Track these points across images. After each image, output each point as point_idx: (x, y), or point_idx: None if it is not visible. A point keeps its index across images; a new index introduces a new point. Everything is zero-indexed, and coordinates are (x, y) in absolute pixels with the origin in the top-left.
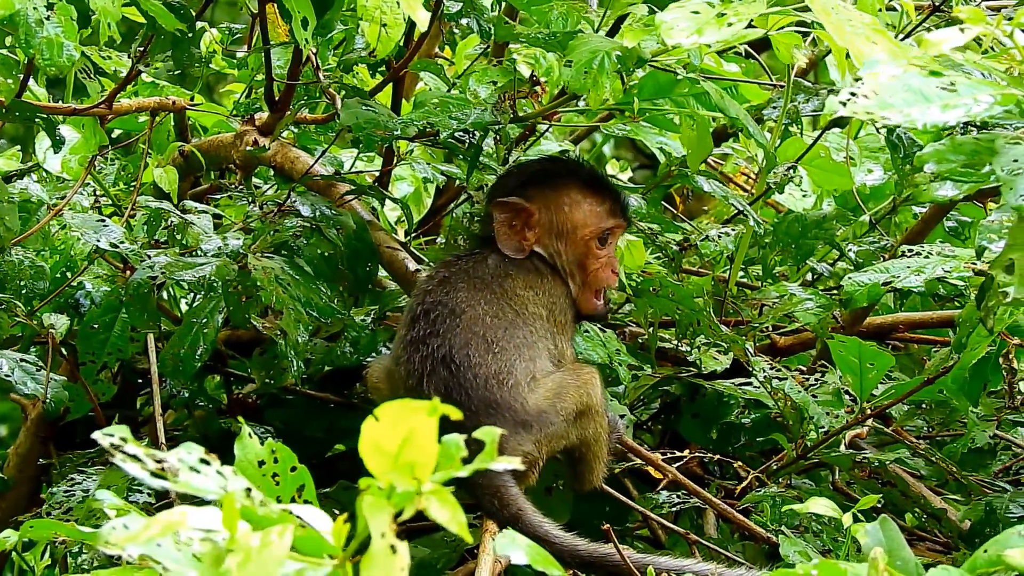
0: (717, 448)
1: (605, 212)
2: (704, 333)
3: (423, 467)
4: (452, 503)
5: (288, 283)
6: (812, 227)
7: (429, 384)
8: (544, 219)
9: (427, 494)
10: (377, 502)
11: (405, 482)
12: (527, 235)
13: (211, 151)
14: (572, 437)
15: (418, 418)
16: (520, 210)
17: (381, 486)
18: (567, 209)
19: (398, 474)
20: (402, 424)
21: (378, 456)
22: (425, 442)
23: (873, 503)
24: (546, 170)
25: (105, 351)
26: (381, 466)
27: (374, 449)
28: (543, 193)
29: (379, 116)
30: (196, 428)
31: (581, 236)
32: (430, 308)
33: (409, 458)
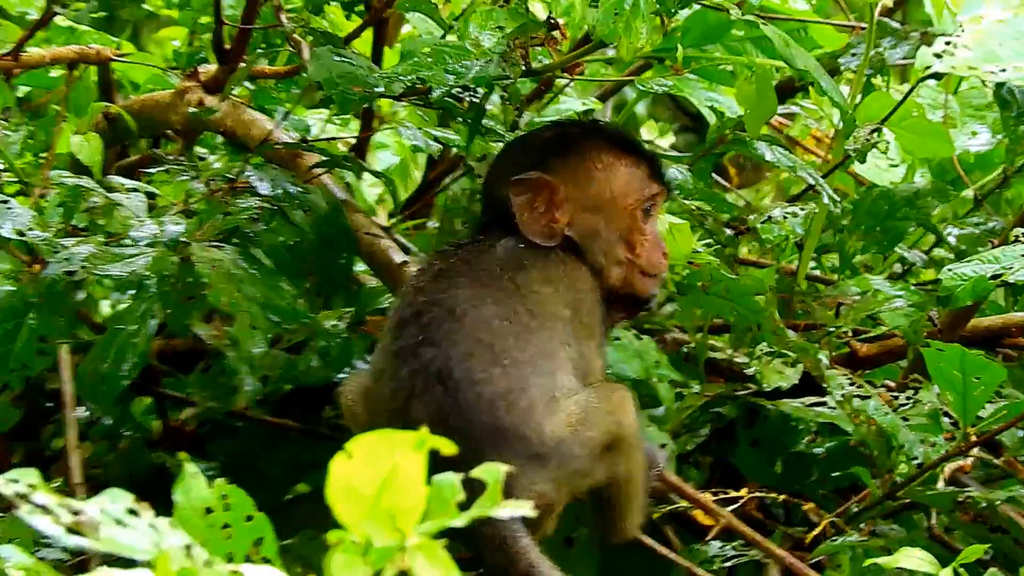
0: (783, 485)
1: (645, 176)
2: (766, 340)
3: (407, 515)
4: (444, 561)
5: (242, 279)
6: (902, 205)
7: (419, 407)
8: (574, 193)
9: (412, 549)
10: (350, 560)
11: (385, 534)
12: (556, 216)
13: (144, 113)
14: (599, 475)
15: (402, 453)
16: (543, 186)
17: (355, 539)
18: (601, 176)
19: (376, 524)
20: (381, 460)
21: (351, 501)
22: (410, 483)
23: (980, 554)
24: (565, 134)
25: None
26: (355, 514)
27: (346, 493)
28: (567, 161)
29: (356, 69)
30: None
31: (624, 206)
32: (423, 309)
33: (390, 504)
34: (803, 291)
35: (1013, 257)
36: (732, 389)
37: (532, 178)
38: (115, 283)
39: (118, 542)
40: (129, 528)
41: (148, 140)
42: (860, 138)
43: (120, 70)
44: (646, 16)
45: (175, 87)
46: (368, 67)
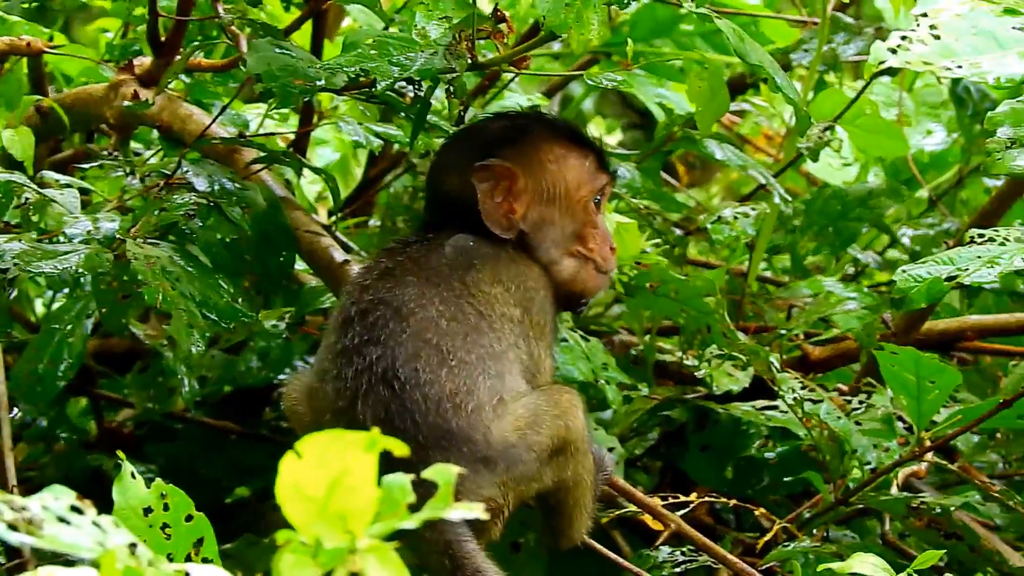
0: (733, 491)
1: (594, 167)
2: (716, 342)
3: (358, 517)
4: (396, 563)
5: (179, 277)
6: (855, 205)
7: (364, 406)
8: (530, 184)
9: (363, 551)
10: (300, 561)
11: (335, 536)
12: (514, 206)
13: (77, 107)
14: (547, 479)
15: (353, 453)
16: (504, 175)
17: (305, 541)
18: (554, 168)
19: (327, 525)
20: (332, 461)
21: (301, 502)
22: (361, 485)
23: (934, 561)
24: (514, 125)
25: None
26: (305, 515)
27: (296, 493)
28: (521, 152)
29: (297, 61)
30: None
31: (578, 198)
32: (368, 308)
33: (341, 505)
34: (754, 293)
35: (968, 258)
36: (682, 392)
37: (495, 165)
38: (49, 281)
39: (61, 540)
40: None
41: (82, 135)
42: (813, 136)
43: (52, 63)
44: (597, 7)
45: (109, 80)
46: (309, 59)
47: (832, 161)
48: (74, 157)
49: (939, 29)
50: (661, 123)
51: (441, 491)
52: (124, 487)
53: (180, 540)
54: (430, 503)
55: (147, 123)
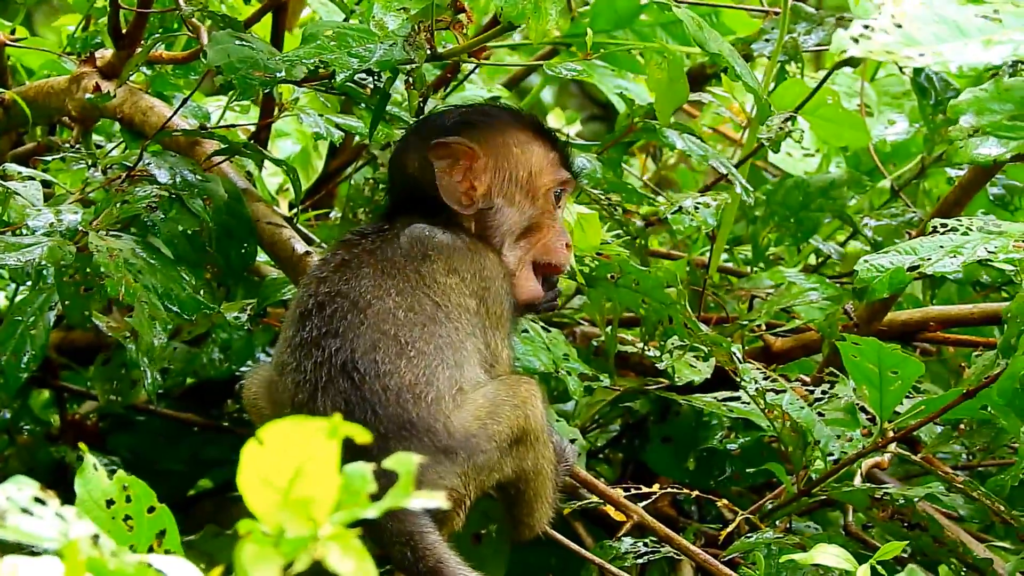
0: (695, 482)
1: (558, 162)
2: (677, 333)
3: (320, 505)
4: (358, 550)
5: (141, 269)
6: (816, 195)
7: (324, 398)
8: (491, 164)
9: (326, 539)
10: (262, 551)
11: (298, 524)
12: (474, 184)
13: (39, 100)
14: (507, 469)
15: (314, 442)
16: (464, 153)
17: (267, 530)
18: (518, 153)
19: (289, 514)
20: (294, 449)
21: (263, 491)
22: (323, 473)
23: (898, 552)
24: (480, 110)
25: None
26: (267, 504)
27: (258, 483)
28: (483, 133)
29: (257, 53)
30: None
31: (539, 186)
32: (325, 300)
33: (303, 493)
34: (715, 284)
35: (931, 248)
36: (643, 383)
37: (454, 142)
38: (11, 273)
39: (23, 530)
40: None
41: (44, 127)
42: (774, 126)
43: (14, 56)
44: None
45: (71, 73)
46: (269, 51)
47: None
48: (36, 150)
49: (901, 18)
50: (622, 114)
51: (402, 480)
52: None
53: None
54: (392, 492)
55: (108, 115)
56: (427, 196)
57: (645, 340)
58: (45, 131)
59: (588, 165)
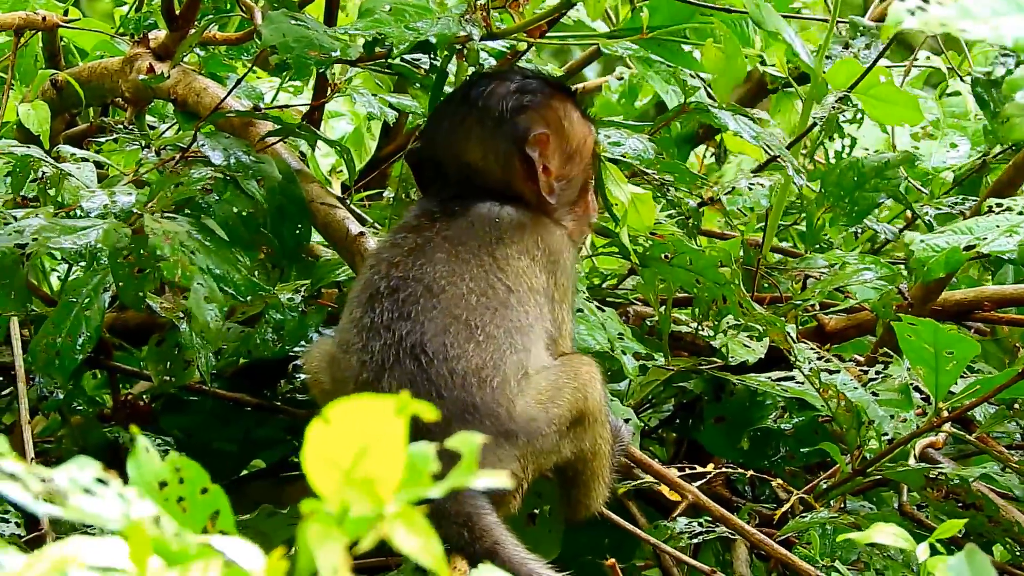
0: (749, 462)
1: (584, 118)
2: (731, 313)
3: (386, 484)
4: (424, 528)
5: (195, 251)
6: (871, 175)
7: (390, 379)
8: (556, 144)
9: (391, 518)
10: (326, 530)
11: (363, 503)
12: (548, 168)
13: (92, 81)
14: (565, 451)
15: (381, 420)
16: (543, 142)
17: (330, 510)
18: (567, 124)
19: (353, 493)
20: (360, 428)
21: (328, 470)
22: (389, 452)
23: (954, 532)
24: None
25: None
26: (332, 483)
27: (323, 462)
28: (541, 115)
29: (312, 32)
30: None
31: (586, 151)
32: (399, 285)
33: (368, 472)
34: (769, 264)
35: (987, 228)
36: (697, 363)
37: (538, 135)
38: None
39: (86, 511)
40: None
41: (97, 109)
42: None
43: (67, 37)
44: None
45: (124, 54)
46: (323, 30)
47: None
48: (89, 131)
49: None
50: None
51: (465, 460)
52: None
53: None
54: (454, 472)
55: (162, 96)
56: (488, 180)
57: (699, 320)
58: (98, 112)
59: (640, 146)
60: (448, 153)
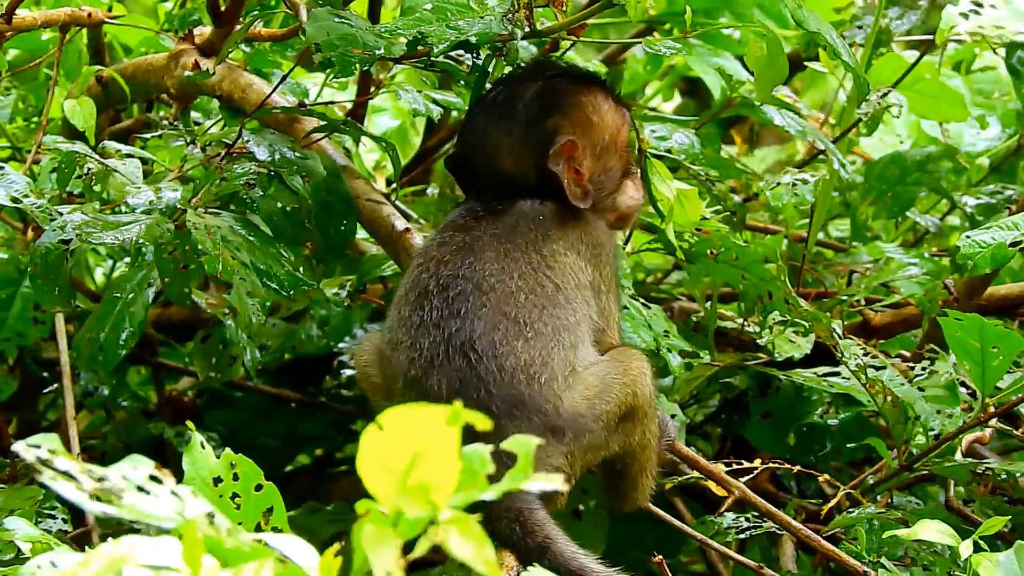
0: (795, 457)
1: (617, 105)
2: (777, 309)
3: (440, 489)
4: (478, 534)
5: (239, 246)
6: (913, 169)
7: (440, 376)
8: (587, 145)
9: (445, 523)
10: (381, 531)
11: (417, 508)
12: (582, 173)
13: (137, 77)
14: (613, 446)
15: (434, 428)
16: (569, 148)
17: (385, 511)
18: (597, 120)
19: (408, 498)
20: (413, 434)
21: (382, 474)
22: (444, 457)
23: (1000, 527)
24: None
25: (1, 336)
26: (386, 487)
27: (377, 465)
28: (568, 117)
29: (356, 30)
30: (117, 435)
31: (620, 143)
32: (448, 283)
33: (423, 477)
34: (813, 259)
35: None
36: (742, 359)
37: (562, 144)
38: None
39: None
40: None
41: (141, 105)
42: (871, 102)
43: (112, 33)
44: None
45: (169, 50)
46: (367, 28)
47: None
48: (134, 127)
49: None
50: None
51: (521, 462)
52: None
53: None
54: (510, 474)
55: (207, 92)
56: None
57: (744, 315)
58: (143, 108)
59: (686, 141)
60: (482, 160)
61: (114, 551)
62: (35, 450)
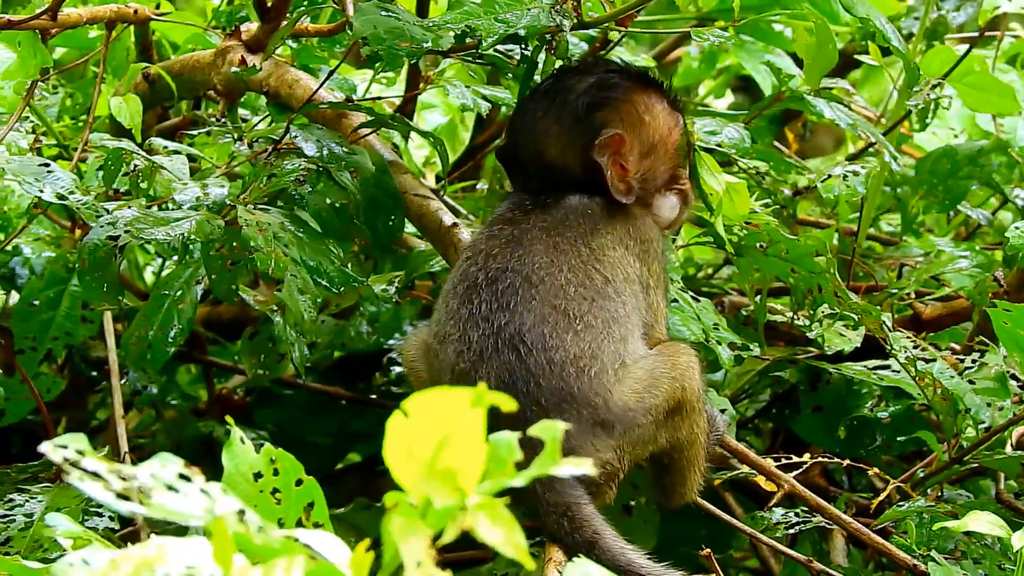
0: (845, 452)
1: (671, 108)
2: (827, 302)
3: (467, 475)
4: (507, 519)
5: (289, 243)
6: (964, 163)
7: (488, 368)
8: (635, 142)
9: (474, 509)
10: (410, 522)
11: (445, 495)
12: (627, 168)
13: (184, 74)
14: (661, 440)
15: (460, 411)
16: (616, 143)
17: (414, 502)
18: (648, 119)
19: (435, 485)
20: (440, 419)
21: (409, 462)
22: (470, 443)
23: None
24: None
25: (49, 335)
26: (413, 475)
27: (404, 454)
28: (618, 111)
29: (404, 24)
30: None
31: (671, 144)
32: (497, 276)
33: (449, 464)
34: (864, 252)
35: None
36: (793, 353)
37: (609, 137)
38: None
39: (169, 508)
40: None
41: (189, 102)
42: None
43: (160, 30)
44: None
45: (216, 47)
46: (416, 21)
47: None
48: (181, 124)
49: None
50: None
51: (548, 447)
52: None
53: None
54: (538, 459)
55: (254, 89)
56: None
57: (794, 309)
58: (191, 105)
59: (737, 135)
60: (530, 150)
61: (146, 551)
62: (62, 450)
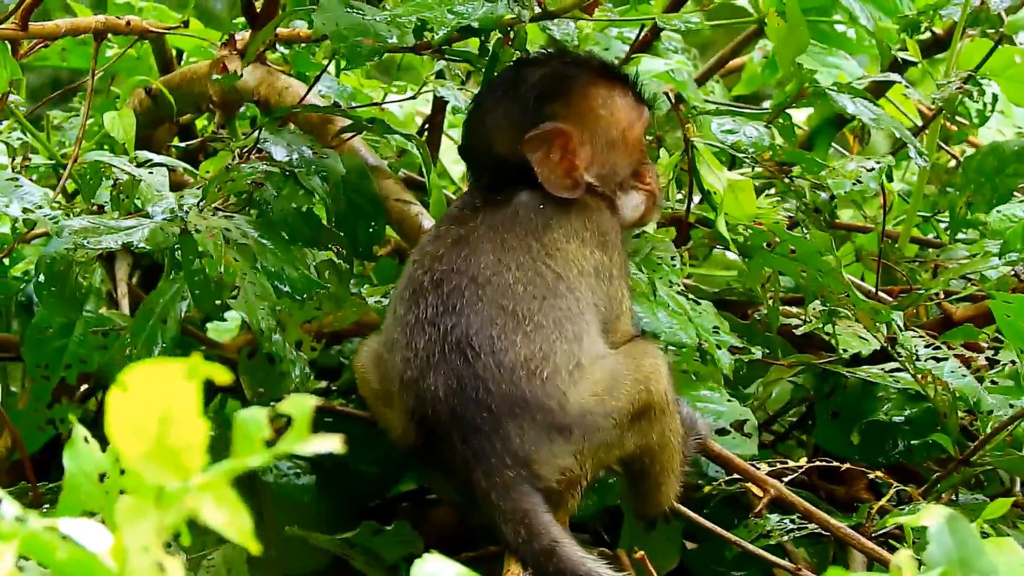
0: (864, 457)
1: (634, 101)
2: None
3: (190, 453)
4: (232, 502)
5: (255, 249)
6: (1012, 160)
7: (436, 376)
8: (587, 137)
9: (197, 490)
10: (137, 504)
11: (170, 475)
12: (576, 163)
13: (183, 87)
14: (629, 445)
15: (176, 385)
16: (557, 136)
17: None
18: (605, 114)
19: (160, 464)
20: (158, 394)
21: (136, 439)
22: (188, 418)
23: None
24: (553, 74)
25: (62, 362)
26: (140, 454)
27: (128, 430)
28: (570, 105)
29: (366, 20)
30: None
31: (633, 139)
32: (443, 278)
33: (172, 442)
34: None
35: None
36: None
37: (547, 131)
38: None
39: None
40: None
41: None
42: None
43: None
44: None
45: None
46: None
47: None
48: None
49: None
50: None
51: (296, 424)
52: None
53: None
54: (284, 437)
55: (247, 98)
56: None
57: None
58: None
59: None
60: (482, 144)
61: None
62: None
